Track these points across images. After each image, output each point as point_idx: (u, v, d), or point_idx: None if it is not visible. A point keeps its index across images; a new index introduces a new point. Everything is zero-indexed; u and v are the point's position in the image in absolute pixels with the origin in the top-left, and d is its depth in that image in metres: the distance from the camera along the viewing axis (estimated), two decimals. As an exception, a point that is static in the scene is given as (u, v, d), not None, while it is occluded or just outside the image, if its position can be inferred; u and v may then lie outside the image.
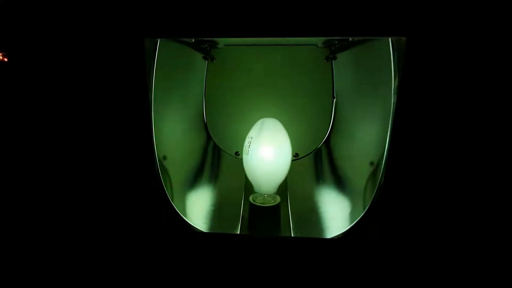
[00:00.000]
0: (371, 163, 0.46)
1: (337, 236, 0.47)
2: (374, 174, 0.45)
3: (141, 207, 0.45)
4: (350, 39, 0.43)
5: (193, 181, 0.57)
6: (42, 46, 0.42)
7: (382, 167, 0.41)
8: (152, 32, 0.38)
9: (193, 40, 0.47)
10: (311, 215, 0.53)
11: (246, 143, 0.49)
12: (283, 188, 0.55)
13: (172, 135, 0.52)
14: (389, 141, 0.39)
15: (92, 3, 0.39)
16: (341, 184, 0.55)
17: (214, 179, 0.60)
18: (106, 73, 0.41)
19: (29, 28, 0.42)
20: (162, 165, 0.46)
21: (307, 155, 0.61)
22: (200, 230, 0.48)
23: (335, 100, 0.59)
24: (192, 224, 0.48)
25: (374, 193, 0.43)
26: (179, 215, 0.48)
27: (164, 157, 0.47)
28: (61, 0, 0.40)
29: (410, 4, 0.34)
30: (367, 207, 0.44)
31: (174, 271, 0.44)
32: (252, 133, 0.49)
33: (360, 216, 0.46)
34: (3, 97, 0.45)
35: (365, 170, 0.48)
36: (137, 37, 0.38)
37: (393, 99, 0.38)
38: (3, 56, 0.44)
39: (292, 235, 0.48)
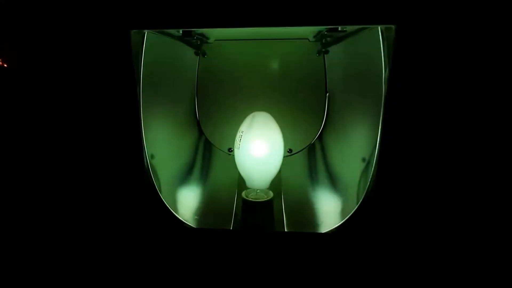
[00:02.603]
0: (363, 159, 0.46)
1: (331, 230, 0.46)
2: (366, 169, 0.44)
3: (131, 204, 0.44)
4: (340, 28, 0.42)
5: (185, 178, 0.56)
6: (27, 41, 0.41)
7: (374, 162, 0.40)
8: (138, 23, 0.37)
9: (181, 32, 0.46)
10: (305, 210, 0.52)
11: (237, 138, 0.49)
12: (277, 183, 0.55)
13: (162, 131, 0.52)
14: (380, 135, 0.38)
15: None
16: (334, 179, 0.54)
17: (206, 175, 0.59)
18: (91, 68, 0.40)
19: (15, 24, 0.41)
20: (151, 163, 0.46)
21: (301, 150, 0.61)
22: (191, 226, 0.47)
23: (328, 94, 0.58)
24: (184, 220, 0.48)
25: (367, 188, 0.42)
26: (170, 211, 0.47)
27: (152, 156, 0.47)
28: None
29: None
30: (360, 202, 0.44)
31: (166, 268, 0.43)
32: (243, 127, 0.49)
33: (353, 211, 0.45)
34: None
35: (357, 165, 0.48)
36: (123, 29, 0.37)
37: (383, 89, 0.38)
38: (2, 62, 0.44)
39: (286, 230, 0.48)
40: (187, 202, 0.54)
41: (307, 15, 0.35)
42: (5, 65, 0.44)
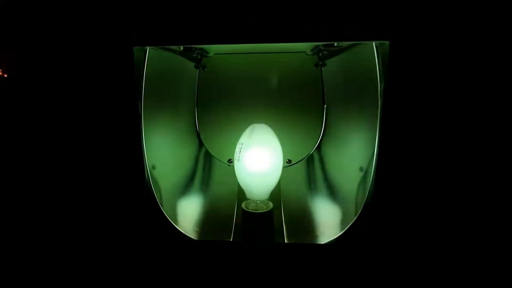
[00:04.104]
0: (361, 169, 0.47)
1: (330, 241, 0.46)
2: (364, 178, 0.45)
3: (131, 216, 0.44)
4: (336, 44, 0.43)
5: (185, 189, 0.57)
6: (32, 55, 0.42)
7: (372, 172, 0.41)
8: (141, 40, 0.39)
9: (182, 48, 0.47)
10: (305, 221, 0.52)
11: (236, 149, 0.50)
12: (277, 194, 0.55)
13: (163, 143, 0.52)
14: (378, 145, 0.39)
15: (80, 13, 0.40)
16: (333, 189, 0.54)
17: (206, 186, 0.60)
18: (95, 81, 0.41)
19: (21, 39, 0.42)
20: (152, 174, 0.46)
21: (300, 161, 0.61)
22: (192, 238, 0.47)
23: (325, 106, 0.59)
24: (184, 232, 0.48)
25: (365, 198, 0.43)
26: (170, 223, 0.47)
27: (154, 166, 0.47)
28: (49, 9, 0.41)
29: (392, 10, 0.35)
30: (359, 212, 0.44)
31: (167, 280, 0.43)
32: (243, 139, 0.50)
33: (352, 222, 0.45)
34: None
35: (355, 175, 0.48)
36: (126, 46, 0.38)
37: (379, 102, 0.39)
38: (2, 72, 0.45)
39: (286, 241, 0.48)
40: (187, 213, 0.54)
41: (303, 32, 0.36)
42: (5, 75, 0.45)
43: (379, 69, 0.39)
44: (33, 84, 0.43)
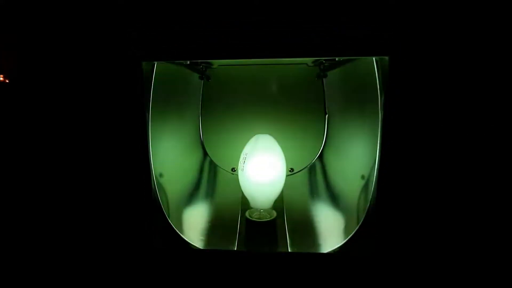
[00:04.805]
0: (362, 176, 0.47)
1: (333, 250, 0.47)
2: (366, 187, 0.46)
3: (137, 223, 0.45)
4: (337, 58, 0.45)
5: (190, 198, 0.57)
6: (43, 67, 0.44)
7: (374, 181, 0.42)
8: (149, 55, 0.40)
9: (188, 62, 0.49)
10: (308, 229, 0.53)
11: (241, 159, 0.51)
12: (280, 201, 0.56)
13: (169, 152, 0.54)
14: (379, 153, 0.40)
15: (91, 28, 0.41)
16: (335, 197, 0.55)
17: (211, 195, 0.60)
18: (105, 93, 0.43)
19: (30, 51, 0.44)
20: (159, 183, 0.47)
21: (302, 169, 0.62)
22: (197, 247, 0.48)
23: (327, 115, 0.60)
24: (188, 241, 0.48)
25: (367, 206, 0.44)
26: (176, 232, 0.48)
27: (161, 175, 0.48)
28: (60, 25, 0.42)
29: (391, 26, 0.37)
30: (361, 221, 0.45)
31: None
32: (247, 149, 0.51)
33: (355, 230, 0.46)
34: (4, 119, 0.47)
35: (357, 183, 0.49)
36: (135, 61, 0.40)
37: (380, 114, 0.40)
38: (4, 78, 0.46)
39: (289, 250, 0.49)
40: (192, 222, 0.55)
41: (305, 48, 0.38)
42: (7, 81, 0.46)
43: (379, 82, 0.40)
44: (45, 93, 0.45)
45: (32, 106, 0.45)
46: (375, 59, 0.40)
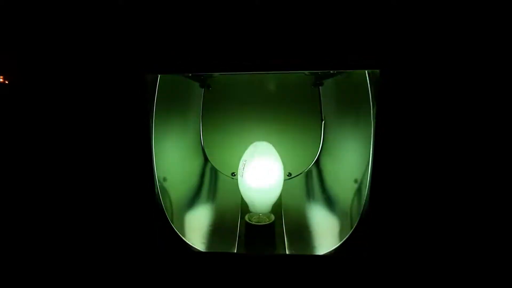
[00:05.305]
0: (355, 180, 0.50)
1: (329, 252, 0.49)
2: (359, 191, 0.48)
3: (141, 227, 0.47)
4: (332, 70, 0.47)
5: (192, 202, 0.59)
6: (50, 79, 0.46)
7: (367, 185, 0.44)
8: (153, 68, 0.42)
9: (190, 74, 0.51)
10: (305, 232, 0.55)
11: (240, 166, 0.53)
12: (278, 205, 0.58)
13: (172, 158, 0.56)
14: (371, 159, 0.42)
15: (97, 43, 0.43)
16: (331, 200, 0.57)
17: (211, 199, 0.63)
18: (109, 104, 0.45)
19: (34, 59, 0.46)
20: (162, 187, 0.49)
21: (300, 174, 0.64)
22: (198, 249, 0.50)
23: (323, 122, 0.63)
24: (191, 244, 0.50)
25: (362, 208, 0.46)
26: (178, 235, 0.50)
27: (165, 179, 0.50)
28: (68, 39, 0.44)
29: (382, 41, 0.39)
30: (356, 223, 0.47)
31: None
32: (246, 156, 0.53)
33: (350, 232, 0.48)
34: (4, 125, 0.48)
35: (352, 187, 0.51)
36: (139, 73, 0.42)
37: (372, 123, 0.42)
38: (4, 79, 0.47)
39: (287, 252, 0.51)
40: (194, 225, 0.57)
41: (301, 62, 0.40)
42: (6, 82, 0.48)
43: (371, 93, 0.42)
44: (50, 102, 0.47)
45: (37, 110, 0.47)
46: (367, 72, 0.42)
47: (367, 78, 0.43)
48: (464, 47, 0.40)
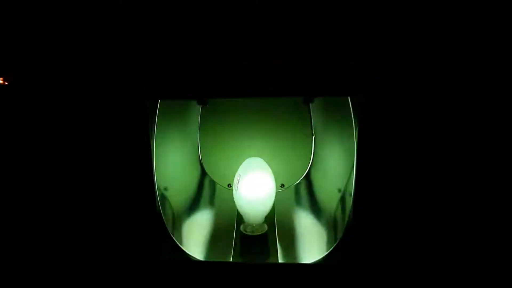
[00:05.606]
0: (339, 190, 0.54)
1: (318, 260, 0.53)
2: (347, 201, 0.52)
3: (141, 237, 0.50)
4: None
5: (190, 212, 0.63)
6: (50, 83, 0.48)
7: (352, 197, 0.48)
8: (153, 95, 0.46)
9: None
10: (296, 241, 0.59)
11: (235, 180, 0.57)
12: (272, 215, 0.62)
13: (173, 169, 0.59)
14: (355, 171, 0.46)
15: (97, 44, 0.46)
16: (320, 211, 0.61)
17: (209, 209, 0.66)
18: (114, 125, 0.48)
19: (36, 62, 0.48)
20: (163, 197, 0.52)
21: (292, 185, 0.68)
22: (196, 259, 0.54)
23: (314, 137, 0.67)
24: (188, 253, 0.54)
25: (347, 218, 0.50)
26: (177, 244, 0.54)
27: (166, 188, 0.54)
28: (72, 68, 0.48)
29: (362, 72, 0.43)
30: (343, 232, 0.51)
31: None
32: (240, 171, 0.57)
33: (338, 241, 0.52)
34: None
35: (339, 198, 0.55)
36: (140, 100, 0.46)
37: (355, 142, 0.46)
38: (3, 80, 0.50)
39: (279, 261, 0.54)
40: (191, 234, 0.60)
41: (289, 89, 0.44)
42: (6, 83, 0.50)
43: (353, 116, 0.46)
44: (50, 108, 0.50)
45: (38, 113, 0.50)
46: (349, 97, 0.47)
47: (349, 102, 0.47)
48: (442, 75, 0.44)
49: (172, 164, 0.60)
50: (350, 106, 0.46)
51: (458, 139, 0.46)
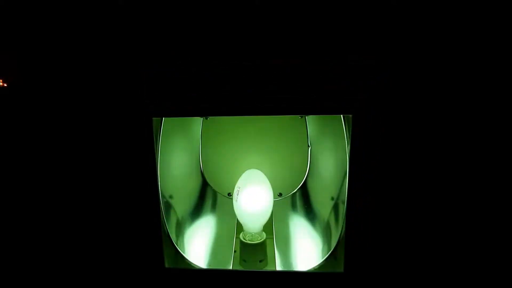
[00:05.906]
0: (332, 198, 0.57)
1: (314, 268, 0.56)
2: (341, 210, 0.54)
3: (145, 245, 0.53)
4: None
5: (192, 221, 0.66)
6: (50, 85, 0.50)
7: (345, 205, 0.50)
8: (159, 112, 0.48)
9: None
10: (293, 248, 0.62)
11: (235, 191, 0.59)
12: (270, 223, 0.65)
13: (175, 180, 0.62)
14: (348, 181, 0.48)
15: (98, 45, 0.47)
16: (316, 219, 0.64)
17: (210, 218, 0.69)
18: (120, 140, 0.51)
19: (36, 63, 0.49)
20: (167, 204, 0.54)
21: (289, 194, 0.71)
22: (198, 266, 0.56)
23: (310, 148, 0.70)
24: (191, 261, 0.57)
25: (342, 226, 0.52)
26: (180, 253, 0.56)
27: (171, 196, 0.56)
28: (72, 68, 0.49)
29: (362, 72, 0.43)
30: (338, 240, 0.54)
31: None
32: (240, 183, 0.60)
33: (332, 249, 0.55)
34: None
35: (334, 207, 0.58)
36: (146, 117, 0.48)
37: (347, 156, 0.48)
38: (3, 82, 0.51)
39: (277, 268, 0.57)
40: (193, 242, 0.63)
41: (283, 107, 0.46)
42: (5, 85, 0.51)
43: (346, 133, 0.49)
44: (52, 111, 0.52)
45: (39, 116, 0.51)
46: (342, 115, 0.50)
47: (342, 119, 0.50)
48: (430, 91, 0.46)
49: (176, 174, 0.63)
50: (343, 122, 0.49)
51: (456, 143, 0.47)
